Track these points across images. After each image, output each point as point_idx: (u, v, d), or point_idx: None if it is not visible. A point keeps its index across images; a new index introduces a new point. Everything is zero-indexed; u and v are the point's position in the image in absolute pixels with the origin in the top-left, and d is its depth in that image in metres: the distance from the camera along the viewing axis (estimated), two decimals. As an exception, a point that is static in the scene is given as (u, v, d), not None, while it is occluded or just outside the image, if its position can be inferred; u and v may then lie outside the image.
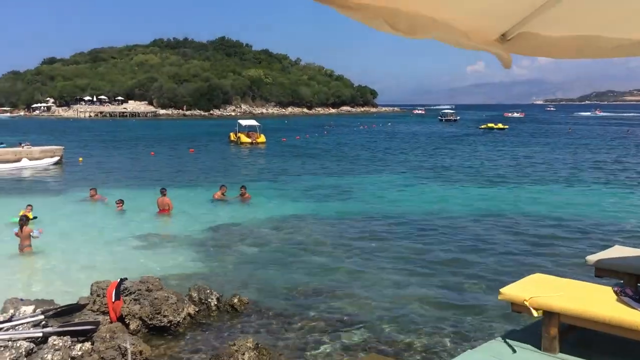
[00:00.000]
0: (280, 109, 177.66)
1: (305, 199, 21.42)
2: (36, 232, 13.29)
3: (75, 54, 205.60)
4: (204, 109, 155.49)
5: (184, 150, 46.10)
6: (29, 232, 13.20)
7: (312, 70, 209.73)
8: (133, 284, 9.10)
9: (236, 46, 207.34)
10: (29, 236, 13.16)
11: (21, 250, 13.16)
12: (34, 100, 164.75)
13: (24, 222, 13.28)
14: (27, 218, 13.66)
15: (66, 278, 11.61)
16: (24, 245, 13.19)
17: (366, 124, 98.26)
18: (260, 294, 10.62)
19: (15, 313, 6.98)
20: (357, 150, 45.05)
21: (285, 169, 31.84)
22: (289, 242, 14.65)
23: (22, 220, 13.37)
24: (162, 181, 26.16)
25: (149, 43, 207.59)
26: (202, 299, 9.69)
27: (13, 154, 32.28)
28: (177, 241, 14.75)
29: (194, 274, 11.96)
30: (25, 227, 13.25)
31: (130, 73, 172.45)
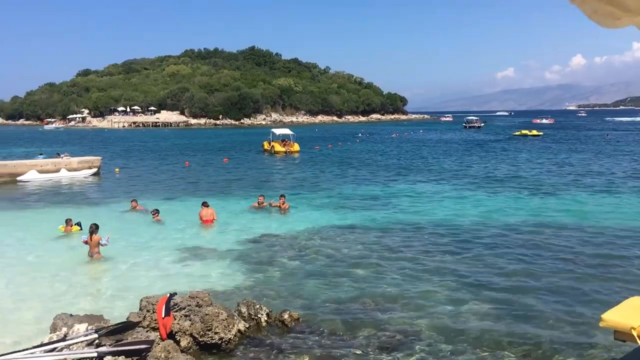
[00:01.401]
0: (310, 117, 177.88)
1: (343, 208, 21.07)
2: (104, 239, 13.81)
3: (109, 65, 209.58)
4: (234, 118, 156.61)
5: (218, 159, 46.24)
6: (98, 239, 13.75)
7: (341, 79, 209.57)
8: (183, 299, 8.88)
9: (266, 55, 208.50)
10: (98, 244, 13.76)
11: (91, 257, 13.80)
12: (70, 111, 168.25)
13: (93, 230, 13.81)
14: (96, 226, 14.04)
15: (114, 289, 11.51)
16: (93, 252, 13.81)
17: (398, 132, 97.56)
18: (308, 308, 10.32)
19: (68, 331, 6.80)
20: (392, 159, 44.56)
21: (321, 178, 31.57)
22: (332, 254, 14.32)
23: (92, 228, 13.85)
24: (199, 191, 26.19)
25: (180, 54, 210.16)
26: (252, 314, 9.42)
27: (53, 164, 32.73)
28: (220, 253, 14.56)
29: (239, 287, 11.75)
30: (95, 235, 13.76)
31: (162, 83, 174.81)
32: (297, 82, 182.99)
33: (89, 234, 13.89)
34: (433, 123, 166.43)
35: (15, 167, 30.90)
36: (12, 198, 24.82)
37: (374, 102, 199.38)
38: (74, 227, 16.77)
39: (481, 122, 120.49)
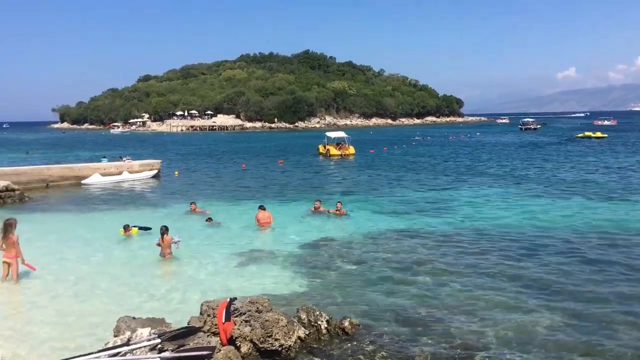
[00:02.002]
0: (364, 120, 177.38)
1: (401, 213, 20.69)
2: (177, 237, 14.26)
3: (168, 71, 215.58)
4: (289, 121, 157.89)
5: (273, 162, 46.57)
6: (170, 240, 14.18)
7: (395, 81, 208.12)
8: (243, 304, 8.79)
9: (320, 59, 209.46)
10: (170, 244, 14.18)
11: (163, 257, 14.23)
12: (131, 115, 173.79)
13: (164, 232, 14.22)
14: (166, 228, 14.46)
15: (174, 292, 11.58)
16: (165, 253, 14.23)
17: (454, 135, 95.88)
18: (368, 316, 10.06)
19: (131, 335, 6.80)
20: (449, 162, 43.69)
21: (377, 181, 31.22)
22: (390, 260, 14.00)
23: (162, 230, 14.27)
24: (255, 194, 26.34)
25: (236, 58, 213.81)
26: (312, 321, 9.24)
27: (115, 167, 33.70)
28: (276, 256, 14.49)
29: (296, 292, 11.61)
30: (166, 235, 14.18)
31: (219, 88, 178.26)
32: (351, 85, 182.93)
33: (160, 235, 14.30)
34: (489, 125, 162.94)
35: (80, 170, 31.97)
36: (77, 200, 25.64)
37: (429, 105, 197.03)
38: (133, 229, 17.09)
39: (537, 124, 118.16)
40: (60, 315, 10.23)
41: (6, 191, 24.22)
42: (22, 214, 20.26)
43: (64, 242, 16.44)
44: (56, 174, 30.69)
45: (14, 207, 23.11)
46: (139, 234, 17.07)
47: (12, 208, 22.71)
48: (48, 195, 26.99)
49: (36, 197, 25.71)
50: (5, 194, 24.05)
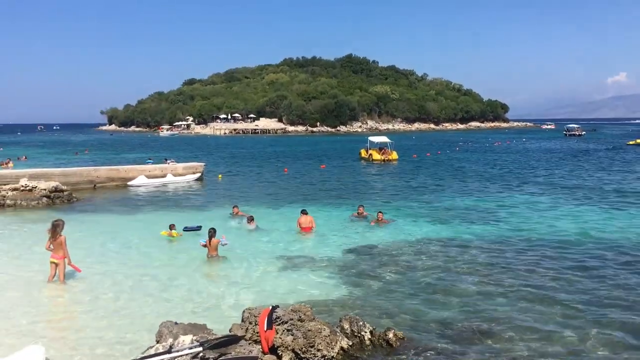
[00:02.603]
0: (407, 125, 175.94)
1: (446, 220, 20.22)
2: (223, 240, 14.51)
3: (213, 74, 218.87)
4: (331, 125, 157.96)
5: (315, 166, 46.51)
6: (217, 242, 14.41)
7: (439, 85, 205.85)
8: (285, 312, 8.62)
9: (362, 63, 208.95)
10: (217, 246, 14.38)
11: (209, 258, 14.41)
12: (176, 118, 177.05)
13: (212, 234, 14.42)
14: (214, 230, 14.60)
15: (215, 297, 11.52)
16: (212, 255, 14.39)
17: (500, 140, 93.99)
18: (413, 328, 9.76)
19: (173, 342, 6.71)
20: (495, 169, 42.72)
21: (420, 187, 30.73)
22: (435, 269, 13.64)
23: (210, 233, 14.46)
24: (297, 198, 26.26)
25: (279, 62, 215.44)
26: (355, 331, 9.00)
27: (160, 169, 34.21)
28: (318, 263, 14.30)
29: (338, 300, 11.39)
30: (214, 238, 14.36)
31: (261, 91, 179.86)
32: (394, 89, 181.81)
33: (208, 237, 14.44)
34: (534, 131, 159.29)
35: (126, 172, 32.58)
36: (123, 201, 26.08)
37: (473, 109, 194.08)
38: (173, 232, 17.20)
39: (582, 130, 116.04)
40: (104, 317, 10.29)
41: (55, 192, 24.84)
42: (70, 215, 20.72)
43: (109, 243, 16.67)
44: (103, 176, 31.36)
45: (62, 207, 23.66)
46: (184, 235, 17.18)
47: (60, 208, 23.26)
48: (95, 196, 27.56)
49: (84, 198, 26.28)
50: (55, 195, 24.66)
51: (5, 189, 24.16)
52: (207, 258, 14.42)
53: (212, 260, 14.35)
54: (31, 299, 11.33)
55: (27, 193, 24.25)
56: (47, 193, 24.47)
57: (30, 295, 11.57)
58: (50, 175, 28.37)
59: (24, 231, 18.40)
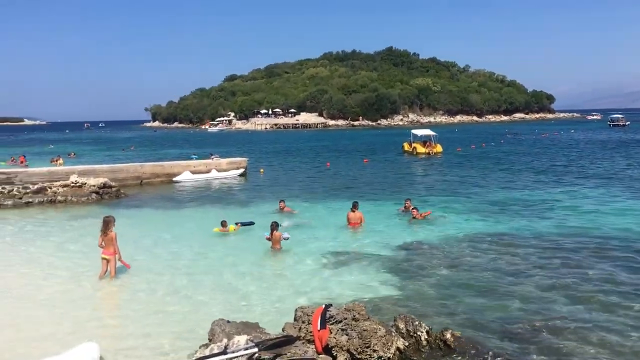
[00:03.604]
0: (449, 118, 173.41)
1: (496, 214, 19.63)
2: (285, 234, 14.62)
3: (253, 70, 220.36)
4: (371, 119, 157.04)
5: (358, 160, 46.14)
6: (279, 236, 14.53)
7: (482, 77, 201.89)
8: (339, 311, 8.36)
9: (403, 55, 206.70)
10: (279, 240, 14.53)
11: (273, 251, 14.61)
12: (218, 114, 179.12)
13: (274, 227, 14.60)
14: (277, 224, 14.78)
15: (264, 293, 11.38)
16: (275, 248, 14.58)
17: (547, 132, 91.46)
18: (470, 327, 9.39)
19: (227, 342, 6.55)
20: (543, 161, 41.47)
21: (467, 180, 30.03)
22: (489, 265, 13.18)
23: (273, 226, 14.64)
24: (342, 193, 26.01)
25: (319, 57, 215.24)
26: (411, 331, 8.67)
27: (204, 165, 34.48)
28: (367, 259, 14.01)
29: (390, 298, 11.09)
30: (276, 231, 14.52)
31: (302, 86, 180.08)
32: (436, 81, 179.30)
33: (270, 231, 14.60)
34: (581, 122, 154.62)
35: (171, 167, 32.94)
36: (169, 197, 26.34)
37: (517, 101, 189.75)
38: (231, 226, 17.17)
39: (626, 120, 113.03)
40: (156, 313, 10.27)
41: (104, 188, 25.26)
42: (118, 210, 21.01)
43: (158, 238, 16.77)
44: (149, 172, 31.77)
45: (111, 203, 24.04)
46: (236, 231, 17.15)
47: (109, 204, 23.63)
48: (142, 192, 27.92)
49: (131, 194, 26.64)
50: (103, 191, 25.08)
51: (56, 186, 24.70)
52: (270, 250, 14.60)
53: (276, 251, 14.44)
54: (83, 294, 11.42)
55: (77, 189, 24.73)
56: (96, 189, 24.90)
57: (82, 291, 11.67)
58: (99, 171, 28.89)
59: (75, 227, 18.71)
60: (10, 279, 12.53)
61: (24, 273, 13.01)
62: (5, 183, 25.63)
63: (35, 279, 12.48)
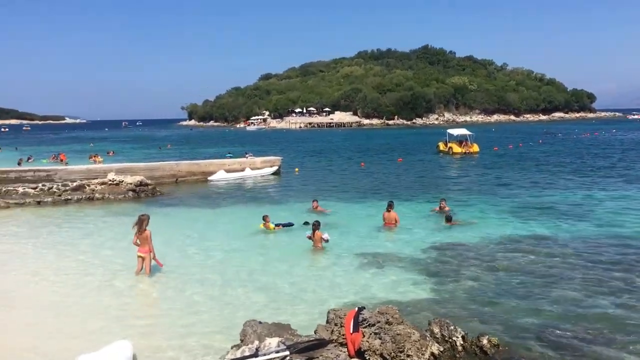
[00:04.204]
0: (485, 117, 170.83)
1: (534, 216, 19.13)
2: (325, 235, 14.70)
3: (288, 69, 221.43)
4: (406, 118, 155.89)
5: (392, 160, 45.77)
6: (320, 235, 14.72)
7: (520, 75, 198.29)
8: (372, 314, 8.22)
9: (439, 54, 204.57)
10: (320, 239, 14.71)
11: (314, 249, 14.78)
12: (252, 113, 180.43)
13: (316, 227, 14.90)
14: (319, 223, 15.11)
15: (298, 294, 11.29)
16: (316, 247, 14.74)
17: (587, 132, 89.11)
18: (507, 333, 9.11)
19: (259, 344, 6.48)
20: (583, 161, 40.35)
21: (505, 181, 29.41)
22: (526, 269, 12.83)
23: (315, 225, 14.95)
24: (376, 192, 25.80)
25: (354, 55, 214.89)
26: (446, 336, 8.48)
27: (239, 164, 34.67)
28: (401, 260, 13.79)
29: (424, 301, 10.86)
30: (317, 231, 14.76)
31: (336, 85, 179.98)
32: (472, 80, 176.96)
33: (312, 230, 14.83)
34: (621, 122, 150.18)
35: (206, 166, 33.22)
36: (204, 195, 26.55)
37: (556, 100, 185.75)
38: (270, 225, 17.27)
39: None
40: (189, 311, 10.29)
41: (140, 186, 25.61)
42: (153, 208, 21.28)
43: (192, 236, 16.86)
44: (184, 170, 32.11)
45: (147, 201, 24.35)
46: (276, 230, 17.21)
47: (145, 202, 23.95)
48: (177, 190, 28.21)
49: (167, 192, 26.93)
50: (140, 189, 25.43)
51: (94, 183, 25.16)
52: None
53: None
54: (118, 292, 11.53)
55: (114, 187, 25.14)
56: (133, 187, 25.27)
57: (117, 288, 11.78)
58: (136, 169, 29.33)
59: (111, 224, 18.98)
60: (47, 275, 12.76)
61: (61, 269, 13.23)
62: (46, 180, 26.27)
63: (72, 276, 12.68)
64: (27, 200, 23.10)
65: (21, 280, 12.30)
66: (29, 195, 23.55)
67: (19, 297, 11.12)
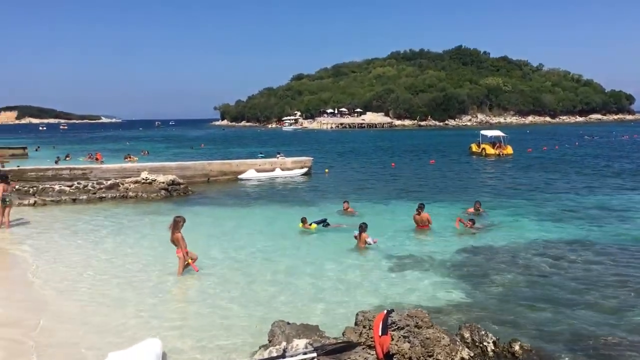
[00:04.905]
0: (520, 118, 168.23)
1: (570, 219, 18.69)
2: (370, 239, 14.90)
3: (320, 70, 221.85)
4: (439, 119, 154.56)
5: (424, 161, 45.38)
6: (366, 237, 14.88)
7: (556, 76, 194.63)
8: (401, 317, 8.11)
9: (473, 54, 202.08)
10: (365, 241, 14.85)
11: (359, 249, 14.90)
12: (284, 113, 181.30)
13: (363, 228, 15.00)
14: (365, 225, 15.19)
15: (325, 296, 11.22)
16: (360, 248, 14.87)
17: (626, 134, 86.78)
18: (540, 339, 8.88)
19: (287, 345, 6.44)
20: (622, 164, 39.31)
21: (539, 184, 28.83)
22: (561, 274, 12.51)
23: (362, 227, 15.05)
24: (408, 194, 25.59)
25: (386, 56, 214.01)
26: (476, 341, 8.32)
27: (269, 164, 34.82)
28: (432, 264, 13.59)
29: (455, 305, 10.67)
30: (364, 233, 14.93)
31: (368, 85, 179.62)
32: (506, 81, 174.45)
33: (359, 232, 15.00)
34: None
35: (237, 166, 33.45)
36: (235, 195, 26.71)
37: (594, 101, 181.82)
38: (312, 225, 17.32)
39: None
40: (218, 311, 10.29)
41: (173, 185, 25.91)
42: (185, 207, 21.50)
43: (223, 236, 16.92)
44: (216, 169, 32.38)
45: (178, 200, 24.61)
46: (309, 231, 17.26)
47: (177, 201, 24.22)
48: (209, 189, 28.44)
49: (198, 191, 27.17)
50: (172, 188, 25.73)
51: (128, 182, 25.55)
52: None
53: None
54: (149, 290, 11.61)
55: (147, 186, 25.50)
56: (165, 186, 25.57)
57: (148, 286, 11.87)
58: (168, 169, 29.69)
59: (144, 222, 19.22)
60: (78, 271, 12.95)
61: (92, 266, 13.41)
62: (82, 178, 26.81)
63: (103, 273, 12.83)
64: (63, 198, 23.59)
65: (52, 277, 12.50)
66: (65, 192, 24.05)
67: (51, 293, 11.29)
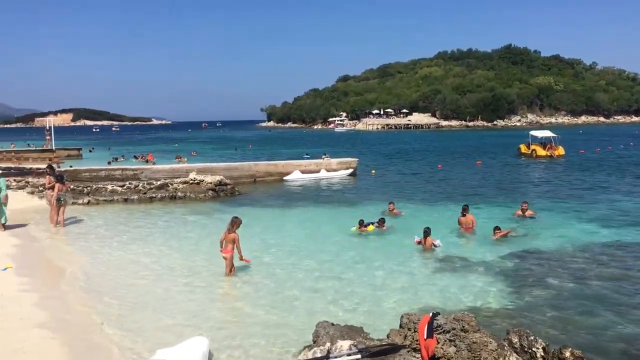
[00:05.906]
0: (572, 118, 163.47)
1: (624, 224, 18.05)
2: (437, 241, 14.88)
3: (366, 70, 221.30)
4: (487, 119, 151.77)
5: (471, 163, 44.64)
6: (432, 241, 14.81)
7: (610, 75, 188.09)
8: (447, 321, 8.00)
9: (523, 53, 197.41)
10: (431, 245, 14.77)
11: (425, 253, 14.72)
12: (330, 114, 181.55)
13: (427, 233, 14.93)
14: (429, 229, 15.05)
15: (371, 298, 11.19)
16: (427, 251, 14.73)
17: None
18: (591, 347, 8.63)
19: (331, 346, 6.46)
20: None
21: (592, 186, 27.97)
22: (613, 279, 12.13)
23: (426, 231, 14.95)
24: (453, 195, 25.27)
25: (433, 56, 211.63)
26: (525, 346, 8.11)
27: (315, 165, 34.96)
28: (479, 267, 13.37)
29: (501, 309, 10.47)
30: (429, 237, 14.86)
31: (414, 86, 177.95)
32: (558, 80, 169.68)
33: (424, 235, 14.89)
34: None
35: (283, 167, 33.73)
36: (280, 195, 26.93)
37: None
38: (369, 226, 17.32)
39: None
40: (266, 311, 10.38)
41: (220, 185, 26.35)
42: (232, 207, 21.82)
43: (270, 236, 17.02)
44: (262, 170, 32.75)
45: (226, 200, 25.00)
46: (362, 233, 17.25)
47: (224, 201, 24.61)
48: (255, 190, 28.77)
49: (245, 191, 27.52)
50: (219, 188, 26.16)
51: (177, 182, 26.13)
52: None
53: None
54: (197, 289, 11.82)
55: (195, 186, 26.01)
56: (213, 186, 26.03)
57: (196, 285, 12.08)
58: (215, 169, 30.20)
59: (192, 222, 19.60)
60: (129, 269, 13.31)
61: (142, 264, 13.76)
62: (133, 179, 27.59)
63: (153, 271, 13.15)
64: (115, 198, 24.32)
65: (103, 274, 12.86)
66: (116, 192, 24.79)
67: (103, 290, 11.63)
